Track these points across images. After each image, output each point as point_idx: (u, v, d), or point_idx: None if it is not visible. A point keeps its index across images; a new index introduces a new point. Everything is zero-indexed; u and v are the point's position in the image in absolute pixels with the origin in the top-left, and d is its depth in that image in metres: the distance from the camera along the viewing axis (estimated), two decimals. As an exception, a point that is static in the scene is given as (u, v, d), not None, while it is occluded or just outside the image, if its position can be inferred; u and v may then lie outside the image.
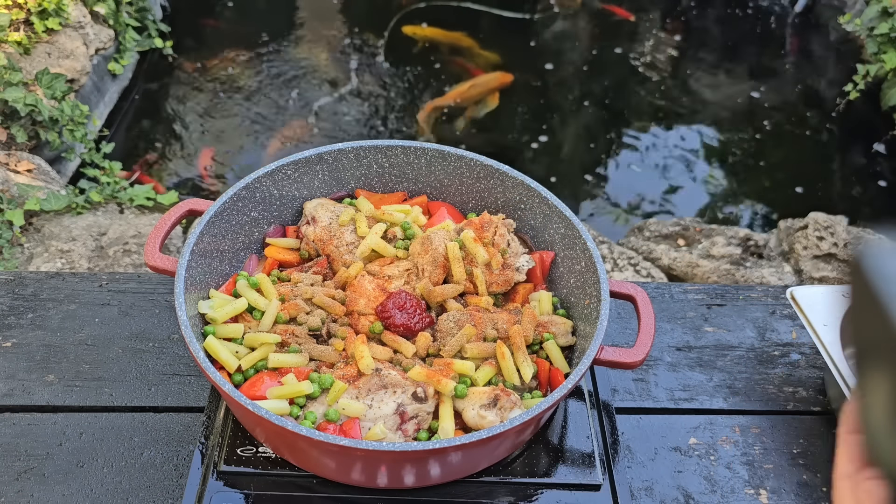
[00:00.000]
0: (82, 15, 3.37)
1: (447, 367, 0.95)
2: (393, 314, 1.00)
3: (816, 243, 2.63)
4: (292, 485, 0.94)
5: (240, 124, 3.66)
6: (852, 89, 3.71)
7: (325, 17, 4.41)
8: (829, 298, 1.14)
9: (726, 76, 4.22)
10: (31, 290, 1.27)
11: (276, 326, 0.99)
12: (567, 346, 1.03)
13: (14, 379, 1.13)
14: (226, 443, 0.96)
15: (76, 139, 3.04)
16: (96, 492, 1.00)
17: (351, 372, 0.93)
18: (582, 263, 1.05)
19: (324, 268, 1.10)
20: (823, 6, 4.49)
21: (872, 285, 0.42)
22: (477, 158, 1.15)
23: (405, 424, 0.91)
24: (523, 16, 4.46)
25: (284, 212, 1.16)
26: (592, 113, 3.95)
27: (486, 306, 1.04)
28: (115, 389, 1.13)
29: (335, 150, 1.15)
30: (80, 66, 3.24)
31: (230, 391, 0.83)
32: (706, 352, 1.26)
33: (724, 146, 3.80)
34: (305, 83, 3.92)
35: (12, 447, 1.05)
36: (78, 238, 2.55)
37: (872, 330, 0.43)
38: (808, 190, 3.56)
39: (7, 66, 2.87)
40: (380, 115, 3.79)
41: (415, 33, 4.10)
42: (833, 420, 1.17)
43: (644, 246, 2.81)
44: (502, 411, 0.91)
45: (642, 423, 1.15)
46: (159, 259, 1.02)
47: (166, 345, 1.20)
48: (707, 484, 1.07)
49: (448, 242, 1.06)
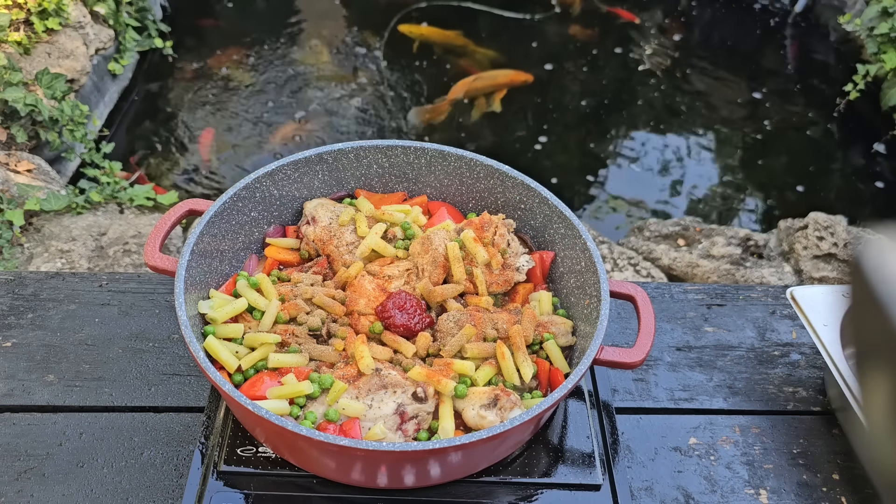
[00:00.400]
0: (82, 15, 3.37)
1: (447, 367, 0.95)
2: (393, 314, 1.00)
3: (816, 243, 2.63)
4: (292, 485, 0.94)
5: (240, 124, 3.66)
6: (852, 89, 3.71)
7: (325, 16, 4.41)
8: (829, 298, 1.14)
9: (726, 76, 4.22)
10: (31, 290, 1.27)
11: (276, 326, 0.99)
12: (567, 346, 1.03)
13: (14, 379, 1.13)
14: (226, 443, 0.96)
15: (76, 139, 3.04)
16: (96, 492, 1.00)
17: (351, 372, 0.93)
18: (582, 263, 1.05)
19: (324, 268, 1.10)
20: (823, 6, 4.49)
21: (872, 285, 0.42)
22: (477, 158, 1.15)
23: (405, 424, 0.91)
24: (524, 16, 4.46)
25: (284, 212, 1.16)
26: (592, 113, 3.95)
27: (486, 306, 1.04)
28: (115, 389, 1.13)
29: (335, 150, 1.15)
30: (80, 66, 3.24)
31: (230, 391, 0.83)
32: (706, 352, 1.26)
33: (724, 146, 3.80)
34: (305, 82, 3.92)
35: (12, 447, 1.05)
36: (78, 238, 2.55)
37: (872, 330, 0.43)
38: (808, 190, 3.56)
39: (7, 66, 2.87)
40: (380, 115, 3.79)
41: (411, 32, 4.10)
42: (833, 420, 1.17)
43: (644, 246, 2.81)
44: (502, 411, 0.91)
45: (642, 423, 1.14)
46: (159, 259, 1.02)
47: (166, 345, 1.20)
48: (707, 484, 1.07)
49: (448, 242, 1.06)
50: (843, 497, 1.07)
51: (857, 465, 1.11)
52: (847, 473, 1.10)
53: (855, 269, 0.43)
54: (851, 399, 1.02)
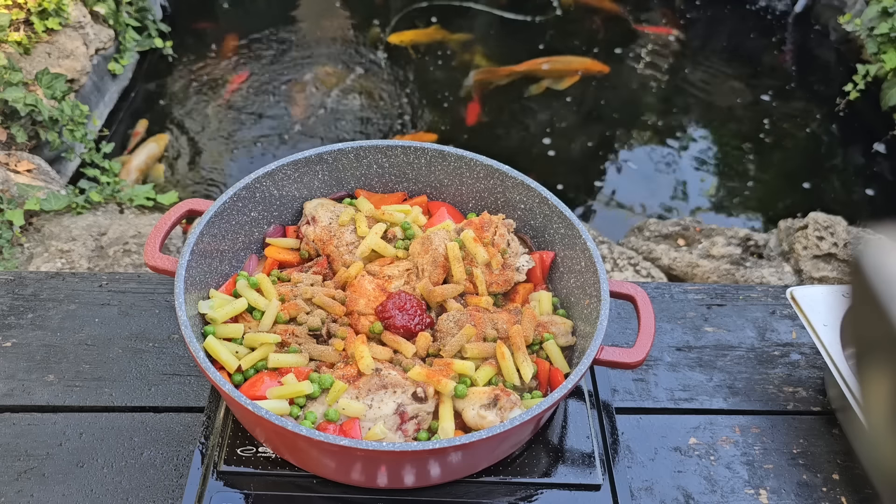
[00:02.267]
0: (82, 15, 3.37)
1: (447, 367, 0.95)
2: (393, 315, 1.00)
3: (816, 243, 2.63)
4: (292, 485, 0.94)
5: (241, 123, 3.66)
6: (852, 89, 3.71)
7: (324, 16, 4.41)
8: (829, 298, 1.14)
9: (726, 76, 4.22)
10: (31, 290, 1.27)
11: (276, 326, 0.99)
12: (567, 346, 1.03)
13: (14, 379, 1.13)
14: (226, 443, 0.96)
15: (76, 139, 3.04)
16: (96, 492, 1.00)
17: (351, 372, 0.93)
18: (582, 263, 1.05)
19: (324, 268, 1.10)
20: (823, 6, 4.49)
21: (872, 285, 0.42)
22: (477, 158, 1.15)
23: (405, 424, 0.91)
24: (525, 17, 4.46)
25: (284, 212, 1.16)
26: (592, 113, 3.95)
27: (486, 306, 1.04)
28: (115, 389, 1.13)
29: (335, 150, 1.15)
30: (80, 66, 3.24)
31: (230, 391, 0.83)
32: (706, 352, 1.26)
33: (723, 146, 3.80)
34: (304, 82, 3.92)
35: (12, 447, 1.05)
36: (78, 238, 2.55)
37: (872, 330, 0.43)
38: (808, 190, 3.56)
39: (7, 66, 2.87)
40: (380, 114, 3.79)
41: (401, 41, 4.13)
42: (833, 420, 1.17)
43: (644, 246, 2.81)
44: (502, 411, 0.91)
45: (642, 423, 1.14)
46: (159, 259, 1.02)
47: (166, 345, 1.20)
48: (707, 484, 1.07)
49: (448, 242, 1.06)
50: (843, 497, 1.07)
51: (857, 465, 1.11)
52: (847, 473, 1.10)
53: (855, 269, 0.43)
54: (851, 399, 1.02)
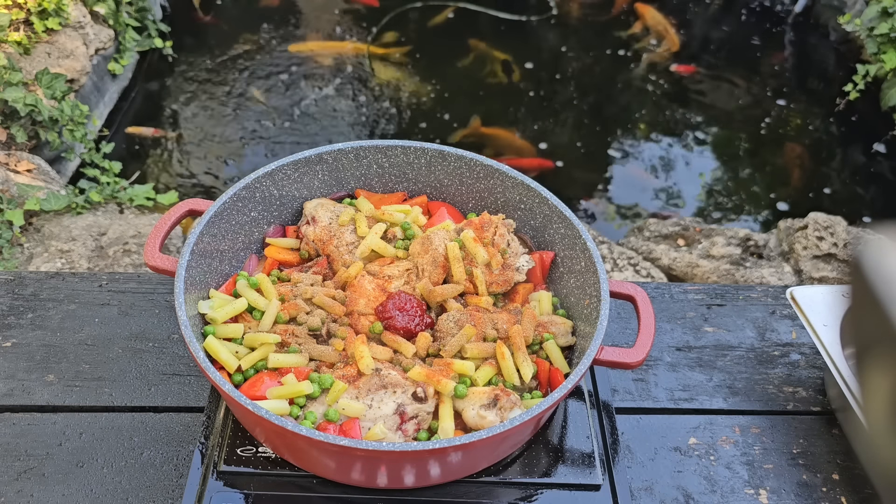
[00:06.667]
0: (82, 15, 3.37)
1: (447, 367, 0.95)
2: (393, 315, 1.00)
3: (816, 243, 2.63)
4: (292, 485, 0.94)
5: (240, 124, 3.66)
6: (852, 89, 3.71)
7: (324, 15, 4.41)
8: (829, 298, 1.14)
9: (726, 76, 4.22)
10: (31, 290, 1.27)
11: (276, 326, 0.99)
12: (567, 346, 1.03)
13: (14, 379, 1.13)
14: (226, 443, 0.96)
15: (76, 139, 3.04)
16: (96, 492, 1.00)
17: (351, 372, 0.93)
18: (582, 263, 1.05)
19: (324, 268, 1.10)
20: (823, 6, 4.49)
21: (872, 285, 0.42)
22: (477, 158, 1.15)
23: (405, 424, 0.91)
24: (520, 17, 4.46)
25: (284, 212, 1.16)
26: (591, 113, 3.95)
27: (486, 306, 1.04)
28: (115, 389, 1.13)
29: (335, 150, 1.15)
30: (80, 66, 3.24)
31: (230, 391, 0.83)
32: (706, 352, 1.26)
33: (723, 146, 3.80)
34: (304, 81, 3.92)
35: (12, 447, 1.05)
36: (78, 238, 2.55)
37: (872, 330, 0.43)
38: (808, 190, 3.56)
39: (7, 66, 2.87)
40: (379, 114, 3.79)
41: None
42: (833, 420, 1.17)
43: (644, 246, 2.81)
44: (502, 411, 0.91)
45: (642, 423, 1.14)
46: (159, 259, 1.01)
47: (166, 345, 1.20)
48: (707, 484, 1.07)
49: (448, 242, 1.06)
50: (843, 497, 1.07)
51: (857, 465, 1.11)
52: (847, 473, 1.10)
53: (855, 269, 0.43)
54: (851, 399, 1.02)
